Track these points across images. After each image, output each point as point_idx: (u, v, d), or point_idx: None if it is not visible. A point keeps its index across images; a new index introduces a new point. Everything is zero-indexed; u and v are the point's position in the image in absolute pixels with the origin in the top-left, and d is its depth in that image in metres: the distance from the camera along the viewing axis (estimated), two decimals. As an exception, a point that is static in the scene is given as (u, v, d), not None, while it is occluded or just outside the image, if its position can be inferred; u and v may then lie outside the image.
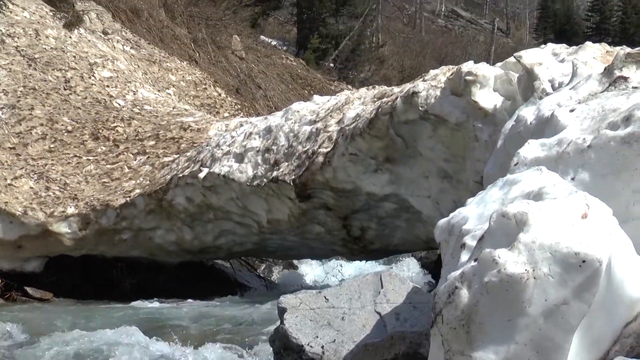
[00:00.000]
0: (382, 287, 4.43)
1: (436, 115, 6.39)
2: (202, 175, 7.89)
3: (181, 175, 8.08)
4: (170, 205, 8.13)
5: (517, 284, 2.66)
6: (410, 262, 11.10)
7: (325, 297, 4.42)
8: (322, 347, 4.22)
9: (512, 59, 5.86)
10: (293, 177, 7.32)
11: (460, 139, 6.35)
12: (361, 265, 10.43)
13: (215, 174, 7.82)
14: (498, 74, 6.05)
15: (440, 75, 6.63)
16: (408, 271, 10.66)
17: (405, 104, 6.59)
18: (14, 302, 8.14)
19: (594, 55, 5.11)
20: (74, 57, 10.94)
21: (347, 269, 10.72)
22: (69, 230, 8.22)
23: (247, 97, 15.10)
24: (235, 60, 16.26)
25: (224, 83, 14.22)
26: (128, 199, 8.20)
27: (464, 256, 2.98)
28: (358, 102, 7.48)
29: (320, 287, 7.33)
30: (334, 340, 4.24)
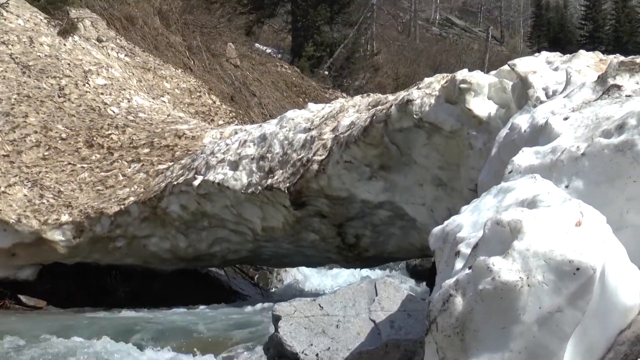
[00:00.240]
0: (376, 295, 4.43)
1: (431, 123, 6.40)
2: (196, 183, 7.89)
3: (175, 182, 8.07)
4: (165, 212, 8.12)
5: (512, 291, 2.66)
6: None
7: (319, 304, 4.42)
8: (317, 355, 4.21)
9: (506, 67, 5.88)
10: (287, 184, 7.32)
11: (455, 146, 6.36)
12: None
13: (210, 182, 7.81)
14: (492, 82, 6.07)
15: (435, 83, 6.64)
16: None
17: (400, 111, 6.60)
18: (8, 310, 8.11)
19: (587, 63, 5.13)
20: (69, 64, 10.94)
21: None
22: (62, 238, 8.20)
23: (242, 104, 15.11)
24: (230, 68, 16.27)
25: (218, 91, 14.22)
26: (122, 206, 8.19)
27: (459, 264, 2.98)
28: (353, 110, 7.49)
29: (316, 294, 7.32)
30: (329, 348, 4.23)
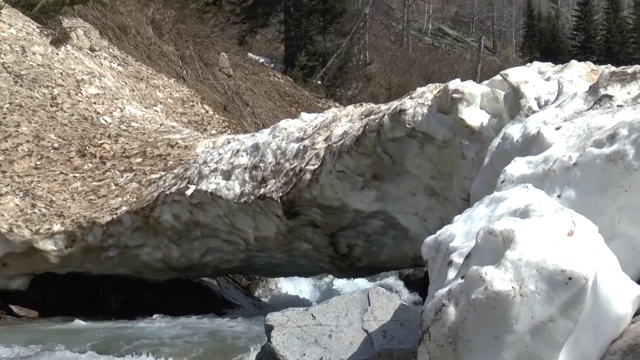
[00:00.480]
0: (369, 305, 4.42)
1: (423, 132, 6.40)
2: (189, 192, 7.88)
3: (168, 192, 8.06)
4: (157, 222, 8.11)
5: (504, 301, 2.66)
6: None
7: (312, 314, 4.40)
8: (309, 365, 4.20)
9: (498, 77, 5.89)
10: (280, 194, 7.31)
11: (447, 156, 6.37)
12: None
13: (203, 191, 7.80)
14: (485, 92, 6.08)
15: (427, 92, 6.65)
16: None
17: (393, 121, 6.60)
18: (-1, 320, 8.08)
19: (579, 73, 5.15)
20: (61, 73, 10.92)
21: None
22: (54, 248, 8.17)
23: (235, 114, 15.12)
24: (223, 78, 16.29)
25: (211, 100, 14.23)
26: (114, 216, 8.17)
27: (451, 273, 2.98)
28: (345, 120, 7.49)
29: (308, 304, 7.31)
30: (321, 358, 4.22)
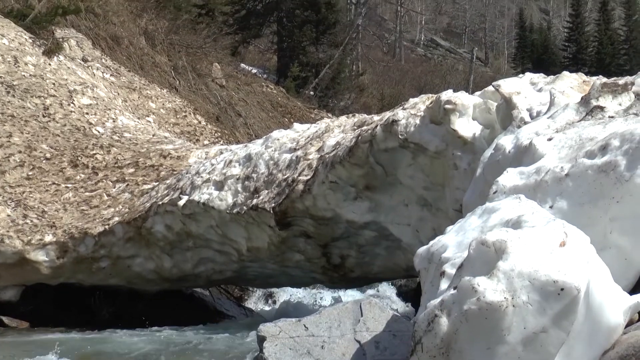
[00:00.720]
0: (361, 316, 4.42)
1: (416, 143, 6.42)
2: (181, 203, 7.87)
3: (160, 203, 8.04)
4: (150, 233, 8.09)
5: (496, 311, 2.67)
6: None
7: (304, 325, 4.40)
8: (302, 376, 4.19)
9: (490, 87, 5.91)
10: (273, 205, 7.31)
11: (440, 167, 6.38)
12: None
13: (195, 202, 7.79)
14: (477, 103, 6.09)
15: (420, 103, 6.66)
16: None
17: (385, 132, 6.61)
18: (-11, 331, 8.03)
19: (571, 84, 5.17)
20: (53, 84, 10.91)
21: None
22: (46, 259, 8.13)
23: (227, 124, 15.11)
24: (216, 88, 16.29)
25: (204, 111, 14.22)
26: (107, 226, 8.15)
27: (444, 284, 2.99)
28: (338, 130, 7.51)
29: (301, 314, 7.28)
30: (314, 369, 4.21)
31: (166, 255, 8.23)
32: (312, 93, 22.34)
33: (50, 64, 11.40)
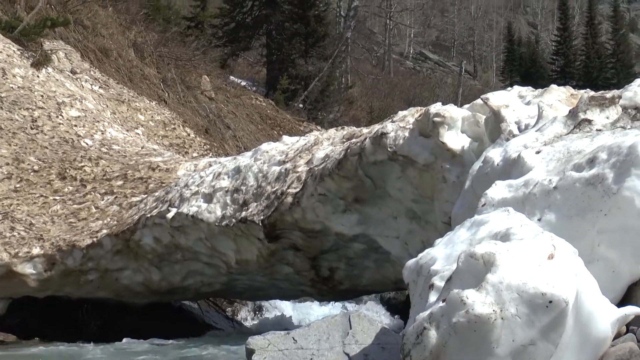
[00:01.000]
0: (350, 328, 4.41)
1: (404, 156, 6.43)
2: (170, 215, 7.84)
3: (149, 215, 8.02)
4: (138, 245, 8.06)
5: (485, 324, 2.67)
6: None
7: (293, 338, 4.39)
8: (291, 389, 4.17)
9: (479, 100, 5.93)
10: (262, 217, 7.30)
11: (429, 179, 6.39)
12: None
13: (184, 214, 7.78)
14: (465, 116, 6.11)
15: (409, 116, 6.68)
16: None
17: (374, 144, 6.62)
18: (-24, 345, 7.97)
19: (559, 98, 5.20)
20: (42, 96, 10.88)
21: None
22: (34, 271, 8.09)
23: (216, 137, 15.11)
24: (205, 101, 16.29)
25: (193, 123, 14.22)
26: (95, 239, 8.11)
27: (433, 297, 2.99)
28: (327, 143, 7.51)
29: (290, 326, 7.27)
30: (303, 382, 4.20)
31: (155, 268, 8.20)
32: (301, 105, 22.36)
33: (38, 76, 11.38)
